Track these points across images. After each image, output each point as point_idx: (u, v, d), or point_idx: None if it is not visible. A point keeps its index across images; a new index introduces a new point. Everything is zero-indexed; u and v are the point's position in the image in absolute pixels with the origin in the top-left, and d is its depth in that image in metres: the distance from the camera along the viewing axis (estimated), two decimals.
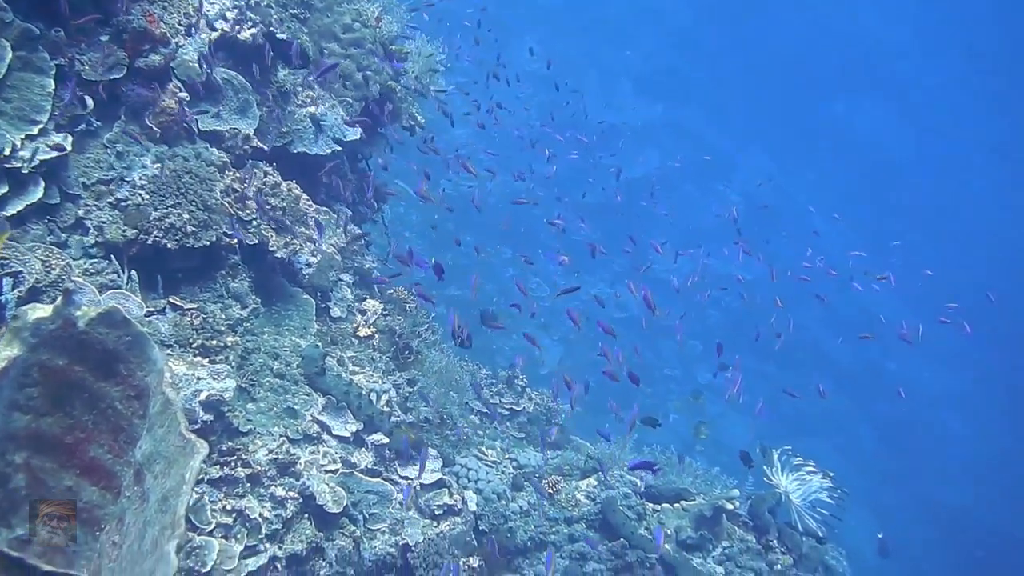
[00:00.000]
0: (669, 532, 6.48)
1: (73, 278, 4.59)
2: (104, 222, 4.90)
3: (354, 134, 6.62)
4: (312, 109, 6.45)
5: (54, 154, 4.64)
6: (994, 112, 31.88)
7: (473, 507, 6.03)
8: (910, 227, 27.78)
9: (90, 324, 3.11)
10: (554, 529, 6.37)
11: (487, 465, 6.69)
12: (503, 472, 6.80)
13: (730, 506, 6.48)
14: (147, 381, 3.19)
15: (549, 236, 21.07)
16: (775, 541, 6.55)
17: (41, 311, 2.98)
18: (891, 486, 21.42)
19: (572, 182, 20.23)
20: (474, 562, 5.58)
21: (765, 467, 6.75)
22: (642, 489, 6.72)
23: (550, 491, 6.56)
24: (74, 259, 4.80)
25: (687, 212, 23.04)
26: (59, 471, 3.16)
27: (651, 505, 6.66)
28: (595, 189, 19.31)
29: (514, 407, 8.19)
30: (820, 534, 6.66)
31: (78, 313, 3.09)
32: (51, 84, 4.65)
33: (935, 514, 22.16)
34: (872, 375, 22.96)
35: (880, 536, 15.74)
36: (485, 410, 7.98)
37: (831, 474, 6.71)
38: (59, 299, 3.04)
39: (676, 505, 6.63)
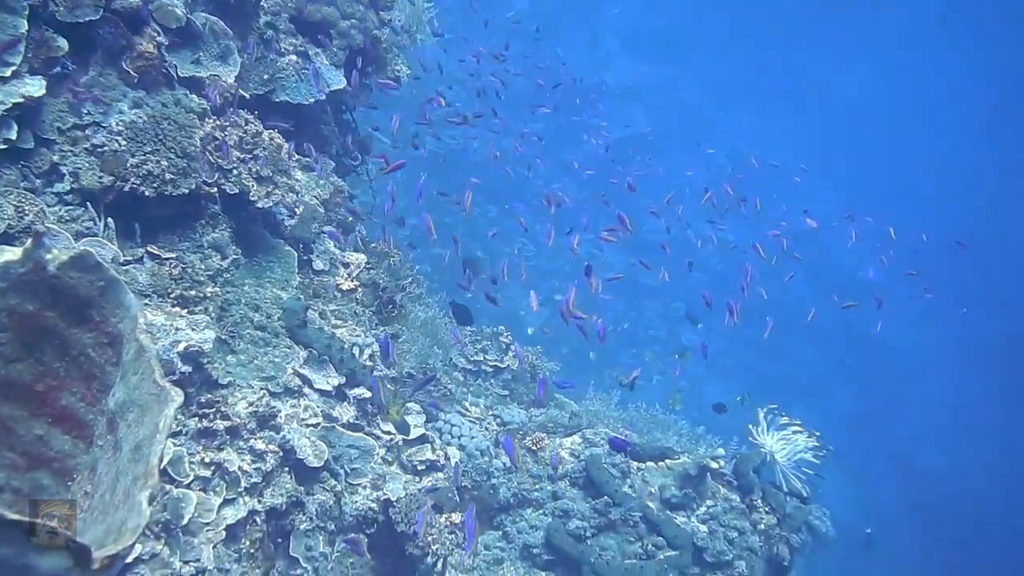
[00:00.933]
0: (653, 490, 6.43)
1: (47, 224, 4.48)
2: (80, 168, 4.77)
3: (338, 83, 6.49)
4: (295, 57, 6.30)
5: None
6: (973, 71, 31.78)
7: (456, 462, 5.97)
8: (888, 183, 27.73)
9: (61, 268, 3.00)
10: (537, 486, 6.31)
11: (471, 421, 6.62)
12: (487, 429, 6.74)
13: (715, 465, 6.43)
14: (120, 327, 3.09)
15: (534, 195, 20.91)
16: (759, 500, 6.51)
17: (10, 254, 2.87)
18: (868, 447, 21.51)
19: (555, 141, 20.05)
20: (456, 518, 5.52)
21: (750, 426, 6.70)
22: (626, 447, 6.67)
23: (534, 448, 6.50)
24: (49, 206, 4.68)
25: (673, 173, 22.89)
26: (29, 419, 3.07)
27: (635, 463, 6.61)
28: (581, 149, 19.17)
29: (498, 364, 8.11)
30: (804, 494, 6.63)
31: (48, 256, 2.98)
32: (24, 25, 4.50)
33: (910, 475, 22.29)
34: (853, 337, 22.98)
35: (868, 531, 15.81)
36: (469, 367, 7.91)
37: (817, 433, 6.66)
38: (29, 242, 2.93)
39: (660, 463, 6.58)
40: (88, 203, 4.76)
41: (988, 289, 24.14)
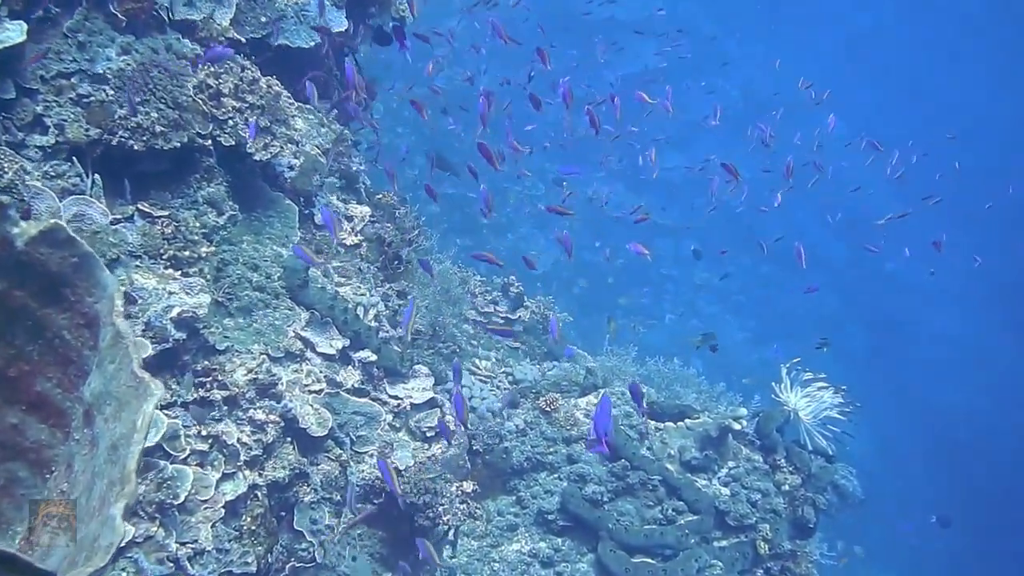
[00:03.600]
0: (673, 452, 6.18)
1: (29, 182, 4.19)
2: (65, 120, 4.48)
3: (340, 25, 6.14)
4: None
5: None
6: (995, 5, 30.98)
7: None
8: (907, 118, 27.16)
9: (30, 243, 2.73)
10: (552, 449, 6.07)
11: (481, 380, 6.36)
12: (498, 387, 6.48)
13: (737, 426, 6.17)
14: (98, 308, 2.82)
15: (542, 133, 20.50)
16: (783, 460, 6.25)
17: None
18: (881, 385, 21.30)
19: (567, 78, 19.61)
20: (468, 487, 5.27)
21: (773, 384, 6.42)
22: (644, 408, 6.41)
23: (547, 409, 6.24)
24: (32, 160, 4.39)
25: (685, 107, 22.43)
26: (2, 407, 2.83)
27: (653, 423, 6.35)
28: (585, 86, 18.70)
29: (509, 316, 7.83)
30: (830, 452, 6.37)
31: (16, 231, 2.71)
32: None
33: (924, 412, 22.12)
34: (868, 275, 22.70)
35: (934, 518, 15.71)
36: (480, 319, 7.63)
37: (844, 388, 6.38)
38: None
39: (680, 423, 6.33)
40: (74, 158, 4.47)
41: (1003, 223, 23.67)
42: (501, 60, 15.94)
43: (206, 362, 4.56)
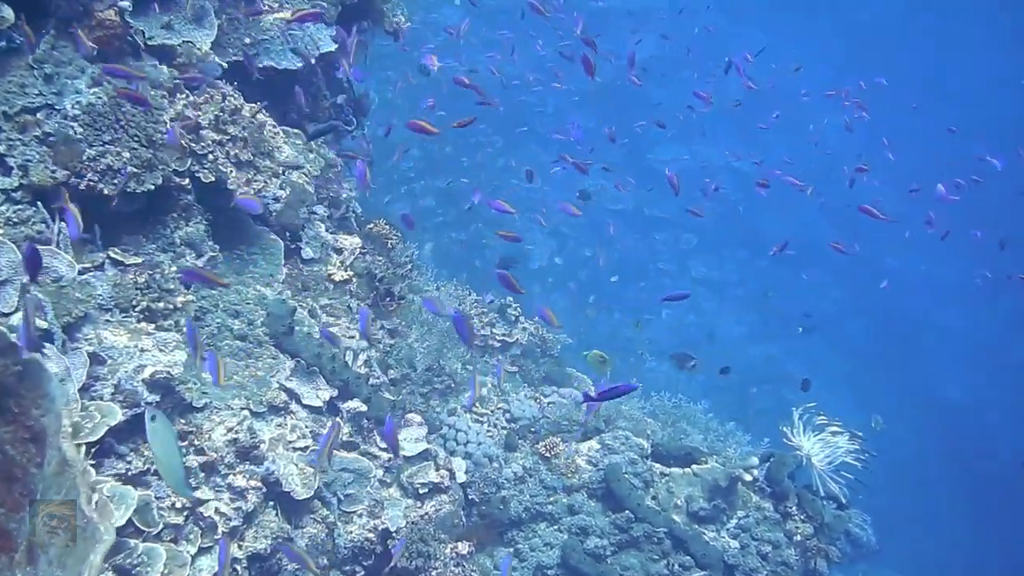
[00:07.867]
0: (679, 502, 5.86)
1: None
2: (30, 160, 4.14)
3: (328, 45, 5.78)
4: (280, 16, 5.58)
5: None
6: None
7: (462, 476, 5.36)
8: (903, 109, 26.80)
9: None
10: (552, 499, 5.74)
11: (477, 421, 6.01)
12: (495, 425, 6.14)
13: (748, 477, 5.85)
14: (44, 422, 2.49)
15: (543, 125, 20.20)
16: (794, 508, 5.93)
17: None
18: (886, 382, 21.03)
19: (566, 68, 19.32)
20: (463, 548, 4.95)
21: (784, 428, 6.08)
22: (648, 451, 6.07)
23: (547, 454, 5.91)
24: None
25: (685, 98, 22.05)
26: None
27: (658, 466, 6.03)
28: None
29: (507, 339, 7.49)
30: (843, 500, 6.05)
31: None
32: None
33: (930, 410, 21.83)
34: (869, 270, 22.36)
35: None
36: (476, 342, 7.30)
37: (859, 435, 6.05)
38: None
39: (687, 470, 5.99)
40: (39, 202, 4.13)
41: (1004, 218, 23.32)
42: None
43: (182, 422, 4.22)
